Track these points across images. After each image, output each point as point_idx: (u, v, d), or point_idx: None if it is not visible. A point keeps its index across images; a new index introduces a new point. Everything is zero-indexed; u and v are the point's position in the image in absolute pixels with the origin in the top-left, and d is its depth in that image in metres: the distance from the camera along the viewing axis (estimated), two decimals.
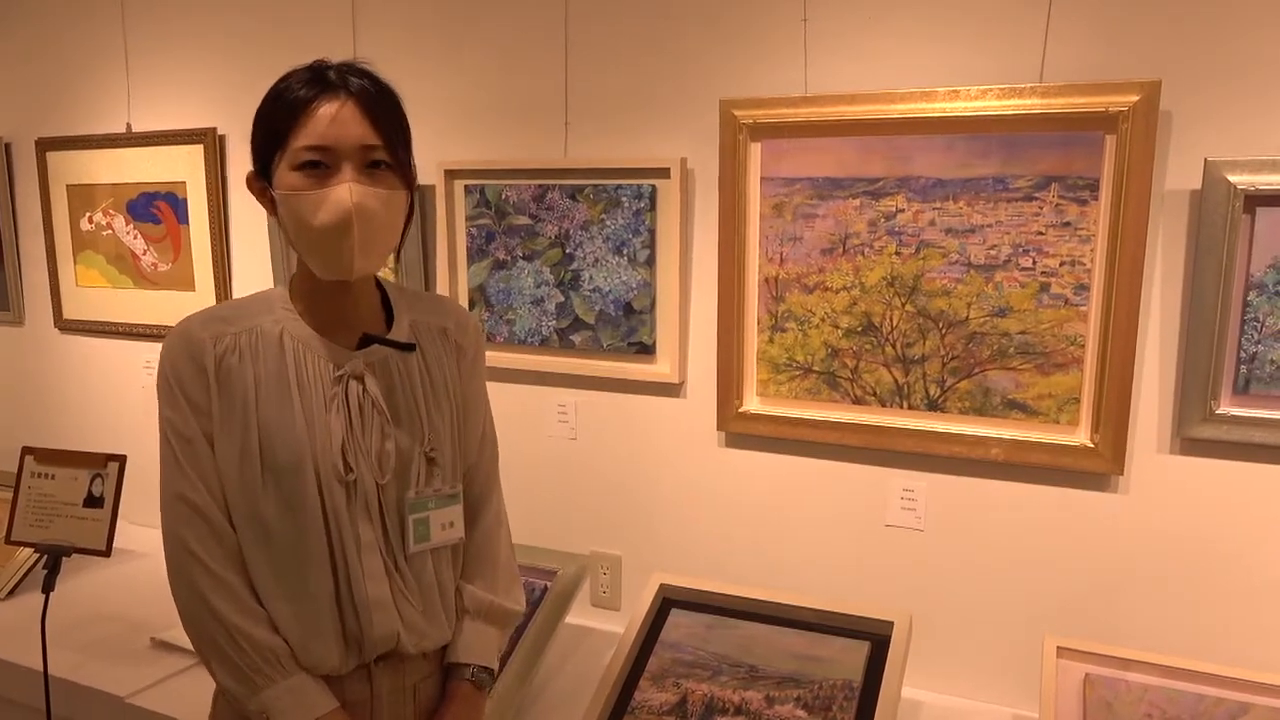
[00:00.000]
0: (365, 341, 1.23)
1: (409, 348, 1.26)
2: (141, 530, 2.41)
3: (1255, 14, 1.47)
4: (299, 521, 1.17)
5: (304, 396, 1.18)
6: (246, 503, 1.17)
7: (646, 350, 1.96)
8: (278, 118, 1.15)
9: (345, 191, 1.12)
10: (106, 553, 1.90)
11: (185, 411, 1.17)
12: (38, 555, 2.17)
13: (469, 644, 1.31)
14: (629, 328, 1.96)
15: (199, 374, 1.17)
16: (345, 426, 1.19)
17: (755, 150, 1.79)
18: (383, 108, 1.16)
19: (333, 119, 1.12)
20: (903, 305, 1.72)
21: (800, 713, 1.56)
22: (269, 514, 1.17)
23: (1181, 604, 1.62)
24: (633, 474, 2.04)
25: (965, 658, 1.78)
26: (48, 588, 1.78)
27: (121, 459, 1.93)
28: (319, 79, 1.15)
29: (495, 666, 1.34)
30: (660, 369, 1.96)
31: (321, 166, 1.13)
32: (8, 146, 2.76)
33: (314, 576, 1.18)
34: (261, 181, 1.20)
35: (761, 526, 1.93)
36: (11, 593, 2.19)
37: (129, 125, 2.51)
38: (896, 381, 1.75)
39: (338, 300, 1.23)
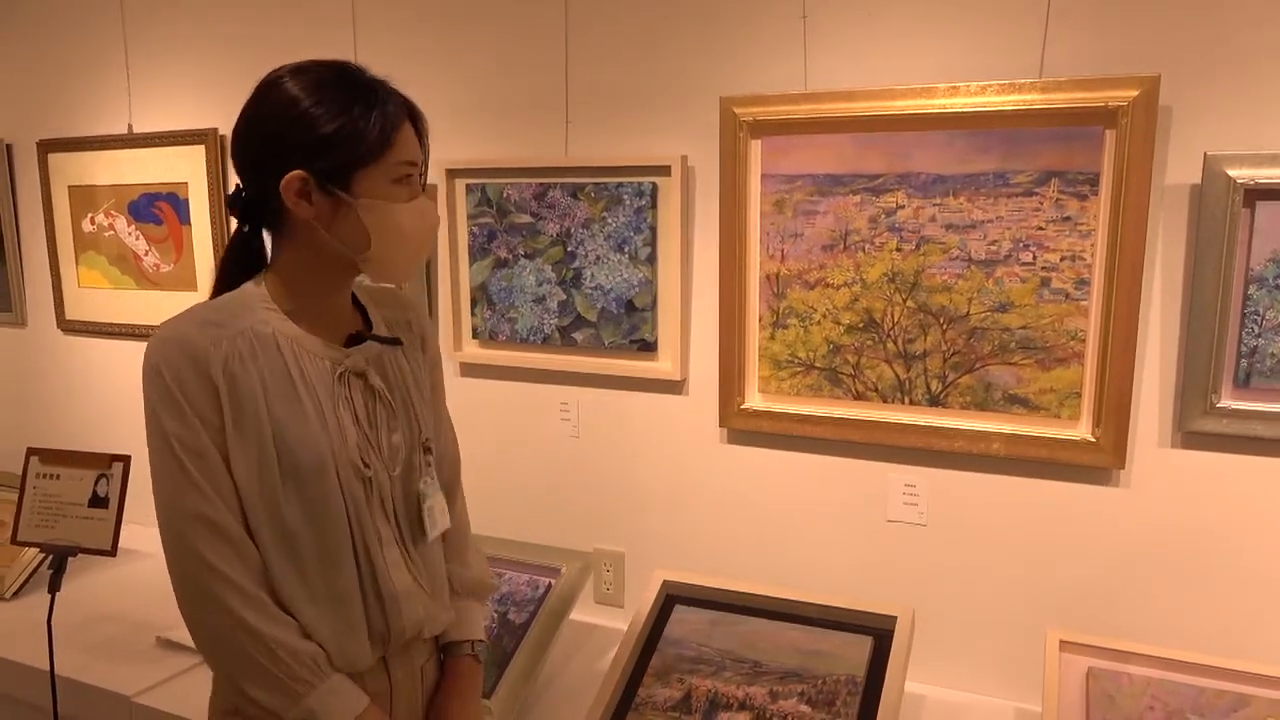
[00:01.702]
0: (357, 339, 1.25)
1: (396, 342, 1.29)
2: (146, 530, 2.40)
3: (1254, 8, 1.47)
4: (323, 522, 1.17)
5: (311, 397, 1.17)
6: (268, 509, 1.15)
7: (648, 348, 1.96)
8: (370, 132, 1.13)
9: (433, 204, 1.25)
10: (112, 553, 1.91)
11: (194, 424, 1.12)
12: (43, 555, 2.18)
13: (463, 622, 1.37)
14: (631, 325, 1.97)
15: (205, 384, 1.13)
16: (355, 423, 1.20)
17: (756, 147, 1.79)
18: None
19: (411, 136, 1.19)
20: (904, 301, 1.72)
21: (804, 708, 1.57)
22: (291, 518, 1.16)
23: (1183, 597, 1.63)
24: (635, 471, 2.05)
25: (968, 652, 1.79)
26: (54, 588, 1.79)
27: (126, 459, 1.94)
28: (379, 93, 1.16)
29: (484, 638, 1.41)
30: (662, 366, 1.96)
31: (411, 181, 1.19)
32: (9, 148, 2.77)
33: (341, 575, 1.19)
34: (326, 190, 1.14)
35: (764, 523, 1.93)
36: (17, 593, 2.20)
37: (130, 126, 2.52)
38: (898, 377, 1.75)
39: (328, 300, 1.24)
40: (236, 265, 1.24)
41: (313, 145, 1.12)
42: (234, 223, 2.56)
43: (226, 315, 1.18)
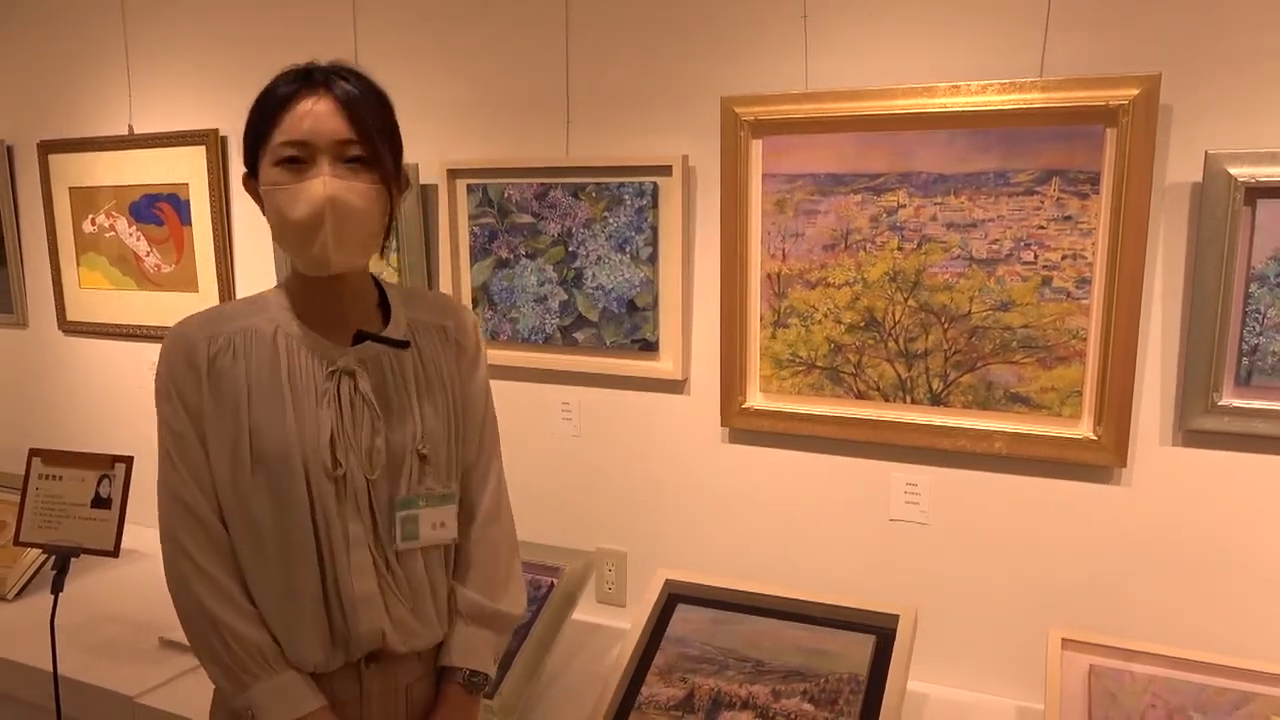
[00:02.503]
0: (359, 338, 1.24)
1: (403, 345, 1.25)
2: (149, 531, 2.38)
3: (1254, 8, 1.47)
4: (287, 517, 1.17)
5: (295, 393, 1.19)
6: (237, 499, 1.18)
7: (650, 347, 1.96)
8: (261, 116, 1.17)
9: (319, 185, 1.13)
10: (115, 553, 1.92)
11: (179, 409, 1.19)
12: (46, 556, 2.18)
13: (460, 647, 1.29)
14: (632, 325, 1.97)
15: (192, 373, 1.18)
16: (335, 421, 1.19)
17: (757, 147, 1.80)
18: (363, 105, 1.16)
19: (308, 114, 1.14)
20: (905, 300, 1.72)
21: (807, 706, 1.57)
22: (258, 510, 1.18)
23: (1184, 595, 1.63)
24: (637, 471, 2.05)
25: (970, 651, 1.79)
26: (56, 588, 1.79)
27: (129, 460, 1.95)
28: (303, 77, 1.17)
29: (490, 670, 1.32)
30: (663, 366, 1.97)
31: (299, 162, 1.14)
32: (10, 149, 2.77)
33: (301, 572, 1.18)
34: (253, 181, 1.22)
35: (766, 522, 1.93)
36: (20, 593, 2.21)
37: (131, 127, 2.52)
38: (899, 376, 1.76)
39: (331, 298, 1.23)
40: None
41: (244, 141, 1.21)
42: (235, 223, 2.58)
43: (235, 313, 1.23)
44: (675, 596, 1.82)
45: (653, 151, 1.91)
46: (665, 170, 1.89)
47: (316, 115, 1.14)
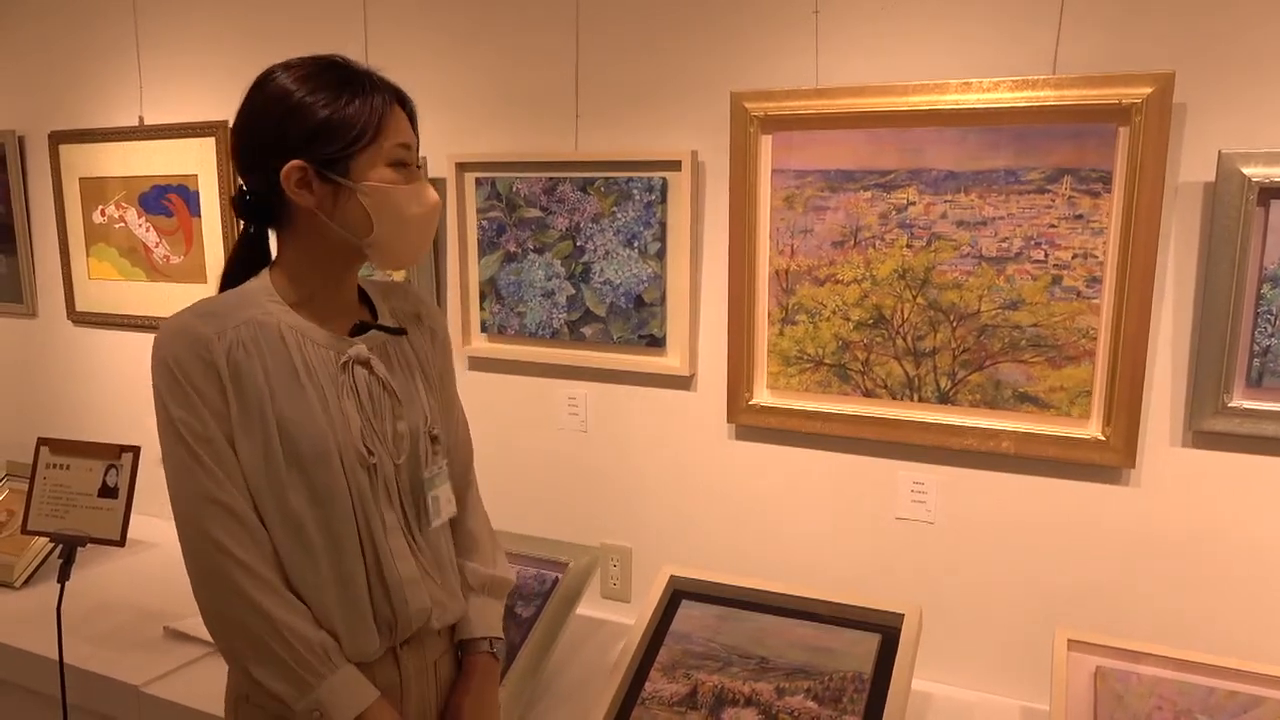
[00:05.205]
0: (360, 329, 1.26)
1: (400, 332, 1.30)
2: (155, 521, 2.42)
3: (1269, 5, 1.46)
4: (329, 510, 1.17)
5: (314, 386, 1.18)
6: (274, 497, 1.16)
7: (657, 343, 1.96)
8: (362, 117, 1.15)
9: (432, 188, 1.25)
10: (121, 543, 1.92)
11: (201, 411, 1.14)
12: (53, 545, 2.19)
13: (479, 618, 1.35)
14: (639, 320, 1.97)
15: (210, 372, 1.14)
16: (359, 411, 1.20)
17: (766, 143, 1.79)
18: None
19: (403, 119, 1.21)
20: (914, 298, 1.72)
21: (810, 704, 1.57)
22: (298, 506, 1.16)
23: (1193, 597, 1.62)
24: (643, 466, 2.04)
25: (975, 650, 1.78)
26: (63, 577, 1.80)
27: (136, 450, 1.95)
28: (367, 81, 1.18)
29: (503, 636, 1.39)
30: (671, 361, 1.96)
31: (405, 166, 1.20)
32: (20, 139, 2.78)
33: (348, 563, 1.19)
34: (326, 177, 1.15)
35: (771, 519, 1.93)
36: (27, 582, 2.21)
37: (141, 118, 2.52)
38: (907, 374, 1.75)
39: (332, 290, 1.25)
40: (243, 264, 1.26)
41: (308, 134, 1.15)
42: None
43: (228, 307, 1.20)
44: (680, 593, 1.81)
45: (662, 146, 1.91)
46: (674, 165, 1.88)
47: (404, 120, 1.21)
